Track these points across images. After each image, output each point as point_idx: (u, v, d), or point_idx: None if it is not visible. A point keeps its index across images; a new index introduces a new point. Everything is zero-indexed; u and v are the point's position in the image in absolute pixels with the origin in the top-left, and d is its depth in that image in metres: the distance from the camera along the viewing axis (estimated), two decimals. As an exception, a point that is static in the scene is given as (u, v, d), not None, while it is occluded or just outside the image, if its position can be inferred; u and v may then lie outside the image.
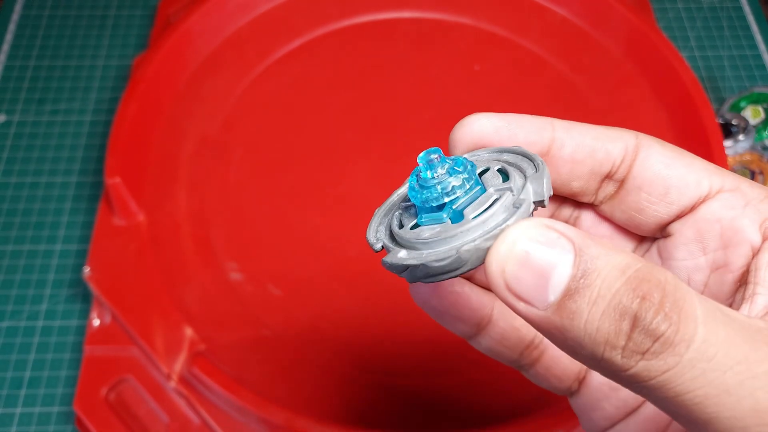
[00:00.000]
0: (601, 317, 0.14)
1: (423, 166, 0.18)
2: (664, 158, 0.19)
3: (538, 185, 0.17)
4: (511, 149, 0.19)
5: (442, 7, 0.55)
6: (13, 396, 0.43)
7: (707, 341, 0.14)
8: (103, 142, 0.52)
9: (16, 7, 0.60)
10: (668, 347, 0.14)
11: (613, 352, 0.14)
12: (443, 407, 0.40)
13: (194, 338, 0.40)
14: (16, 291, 0.46)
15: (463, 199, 0.17)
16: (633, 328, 0.14)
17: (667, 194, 0.19)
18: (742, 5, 0.62)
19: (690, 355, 0.14)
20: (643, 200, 0.19)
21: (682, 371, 0.14)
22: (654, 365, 0.14)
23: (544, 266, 0.15)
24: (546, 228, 0.15)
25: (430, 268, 0.16)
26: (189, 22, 0.51)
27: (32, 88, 0.55)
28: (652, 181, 0.19)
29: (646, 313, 0.14)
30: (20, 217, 0.49)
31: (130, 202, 0.44)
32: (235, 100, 0.51)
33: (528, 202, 0.16)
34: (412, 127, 0.50)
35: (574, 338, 0.15)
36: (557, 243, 0.15)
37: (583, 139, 0.19)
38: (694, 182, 0.19)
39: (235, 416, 0.39)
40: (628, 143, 0.19)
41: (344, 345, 0.42)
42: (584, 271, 0.15)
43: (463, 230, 0.16)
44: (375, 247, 0.19)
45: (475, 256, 0.16)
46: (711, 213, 0.19)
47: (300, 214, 0.47)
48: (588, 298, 0.14)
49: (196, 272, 0.44)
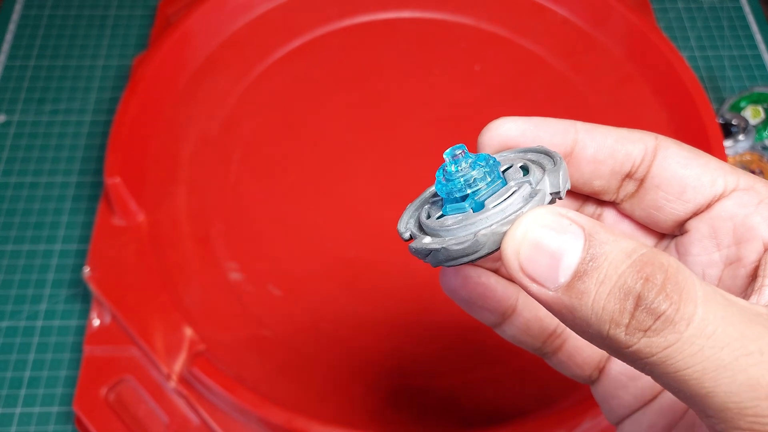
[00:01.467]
0: (607, 297, 0.15)
1: (448, 161, 0.19)
2: (681, 159, 0.20)
3: (555, 178, 0.18)
4: (534, 148, 0.20)
5: (442, 7, 0.55)
6: (13, 396, 0.43)
7: (706, 320, 0.15)
8: (103, 142, 0.52)
9: (16, 7, 0.60)
10: (669, 325, 0.15)
11: (617, 330, 0.15)
12: (444, 407, 0.40)
13: (194, 338, 0.40)
14: (15, 291, 0.46)
15: (485, 191, 0.18)
16: (636, 306, 0.15)
17: (683, 193, 0.20)
18: (742, 5, 0.62)
19: (689, 333, 0.15)
20: (660, 198, 0.20)
21: (681, 347, 0.15)
22: (655, 342, 0.15)
23: (555, 250, 0.16)
24: (558, 215, 0.16)
25: (450, 251, 0.17)
26: (189, 22, 0.51)
27: (32, 88, 0.55)
28: (670, 180, 0.20)
29: (648, 293, 0.15)
30: (20, 217, 0.49)
31: (130, 202, 0.44)
32: (235, 100, 0.51)
33: (543, 192, 0.17)
34: (412, 127, 0.50)
35: (582, 317, 0.16)
36: (569, 229, 0.16)
37: (605, 141, 0.20)
38: (710, 181, 0.20)
39: (235, 416, 0.39)
40: (648, 144, 0.20)
41: (344, 345, 0.42)
42: (593, 255, 0.16)
43: (483, 218, 0.18)
44: (404, 236, 0.20)
45: (491, 240, 0.17)
46: (725, 211, 0.20)
47: (300, 214, 0.47)
48: (595, 279, 0.15)
49: (196, 272, 0.44)
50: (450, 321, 0.43)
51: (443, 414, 0.40)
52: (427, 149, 0.49)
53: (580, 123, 0.20)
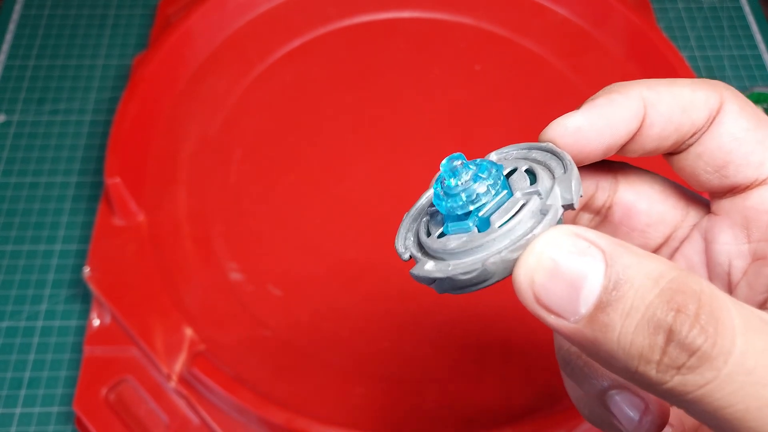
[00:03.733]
0: (635, 331, 0.14)
1: (446, 174, 0.17)
2: (736, 129, 0.18)
3: (566, 189, 0.16)
4: (540, 146, 0.18)
5: (442, 7, 0.55)
6: (13, 396, 0.43)
7: (746, 353, 0.13)
8: (103, 142, 0.52)
9: (16, 7, 0.60)
10: (705, 361, 0.13)
11: (647, 367, 0.14)
12: (443, 407, 0.40)
13: (194, 338, 0.40)
14: (15, 291, 0.46)
15: (489, 205, 0.16)
16: (668, 342, 0.14)
17: (724, 167, 0.18)
18: (742, 5, 0.62)
19: (728, 369, 0.13)
20: (700, 167, 0.19)
21: (721, 385, 0.13)
22: (691, 380, 0.14)
23: (574, 277, 0.14)
24: (575, 236, 0.15)
25: (456, 281, 0.16)
26: (189, 22, 0.51)
27: (32, 88, 0.55)
28: (714, 151, 0.18)
29: (681, 327, 0.14)
30: (20, 217, 0.49)
31: (130, 202, 0.44)
32: (235, 100, 0.51)
33: (556, 208, 0.16)
34: (413, 127, 0.50)
35: (607, 351, 0.14)
36: (587, 252, 0.14)
37: (672, 114, 0.18)
38: (756, 163, 0.18)
39: (235, 416, 0.39)
40: (712, 107, 0.18)
41: (344, 345, 0.42)
42: (616, 282, 0.14)
43: (490, 240, 0.16)
44: (403, 257, 0.18)
45: (502, 268, 0.15)
46: (763, 202, 0.18)
47: (300, 214, 0.47)
48: (621, 311, 0.14)
49: (196, 272, 0.44)
50: (451, 321, 0.42)
51: (443, 414, 0.40)
52: (427, 149, 0.49)
53: (645, 89, 0.18)
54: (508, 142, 0.20)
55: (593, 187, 0.21)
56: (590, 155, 0.18)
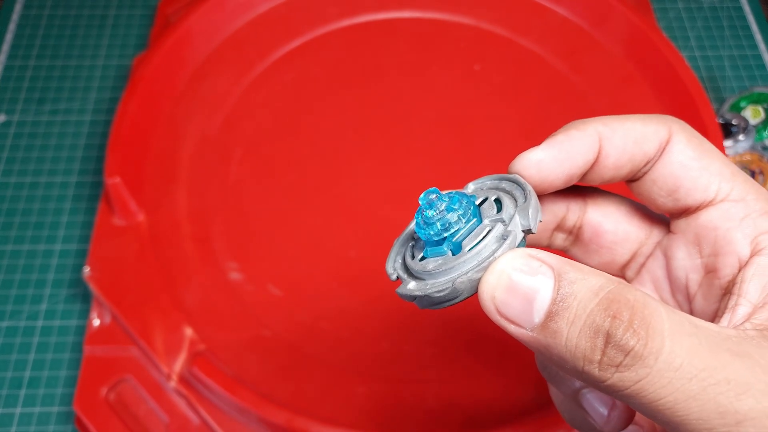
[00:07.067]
0: (579, 335, 0.16)
1: (424, 206, 0.19)
2: (683, 157, 0.20)
3: (524, 215, 0.19)
4: (509, 177, 0.20)
5: (442, 7, 0.55)
6: (13, 396, 0.43)
7: (673, 352, 0.15)
8: (103, 142, 0.52)
9: (16, 7, 0.60)
10: (638, 360, 0.16)
11: (590, 366, 0.16)
12: (443, 407, 0.40)
13: (194, 338, 0.40)
14: (15, 291, 0.46)
15: (462, 231, 0.19)
16: (606, 344, 0.16)
17: (675, 191, 0.20)
18: (742, 5, 0.62)
19: (659, 366, 0.15)
20: (655, 192, 0.21)
21: (652, 381, 0.16)
22: (627, 376, 0.16)
23: (528, 291, 0.17)
24: (529, 257, 0.17)
25: (432, 298, 0.18)
26: (189, 22, 0.51)
27: (32, 88, 0.55)
28: (666, 177, 0.20)
29: (616, 330, 0.16)
30: (20, 217, 0.49)
31: (130, 202, 0.44)
32: (235, 100, 0.51)
33: (515, 233, 0.18)
34: (412, 127, 0.50)
35: (558, 354, 0.17)
36: (539, 270, 0.17)
37: (626, 145, 0.20)
38: (703, 186, 0.20)
39: (234, 416, 0.39)
40: (662, 139, 0.20)
41: (344, 345, 0.42)
42: (563, 295, 0.16)
43: (460, 262, 0.18)
44: (391, 278, 0.21)
45: (469, 286, 0.18)
46: (710, 220, 0.20)
47: (300, 214, 0.47)
48: (566, 319, 0.16)
49: (196, 272, 0.44)
50: (451, 322, 0.43)
51: (444, 414, 0.40)
52: (426, 149, 0.49)
53: (600, 125, 0.20)
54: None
55: (564, 210, 0.23)
56: (552, 184, 0.21)
